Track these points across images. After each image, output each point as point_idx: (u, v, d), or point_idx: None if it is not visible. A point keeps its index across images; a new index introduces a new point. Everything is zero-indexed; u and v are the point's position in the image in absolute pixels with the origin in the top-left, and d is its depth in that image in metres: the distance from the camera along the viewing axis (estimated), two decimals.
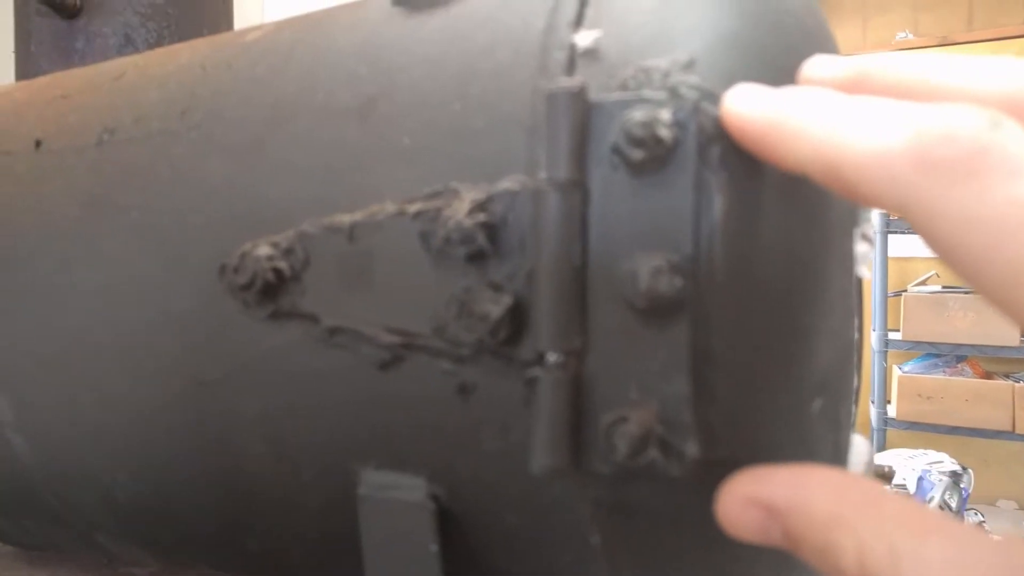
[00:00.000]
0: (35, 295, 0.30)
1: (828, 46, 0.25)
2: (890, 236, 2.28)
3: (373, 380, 0.23)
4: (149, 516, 0.30)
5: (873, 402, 2.40)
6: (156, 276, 0.27)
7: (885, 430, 2.37)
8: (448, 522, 0.23)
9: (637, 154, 0.19)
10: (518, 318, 0.20)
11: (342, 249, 0.23)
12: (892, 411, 2.36)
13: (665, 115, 0.19)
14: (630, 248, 0.19)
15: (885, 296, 2.35)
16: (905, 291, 2.37)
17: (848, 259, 0.22)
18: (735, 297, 0.19)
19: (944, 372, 2.37)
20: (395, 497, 0.23)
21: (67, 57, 0.65)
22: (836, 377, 0.21)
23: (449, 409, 0.22)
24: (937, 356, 2.41)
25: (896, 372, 2.39)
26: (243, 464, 0.26)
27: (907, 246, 2.43)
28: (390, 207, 0.22)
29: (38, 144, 0.32)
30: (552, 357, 0.19)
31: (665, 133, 0.18)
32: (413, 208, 0.22)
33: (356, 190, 0.23)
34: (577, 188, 0.19)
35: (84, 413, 0.29)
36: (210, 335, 0.25)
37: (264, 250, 0.23)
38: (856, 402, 0.30)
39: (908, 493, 1.87)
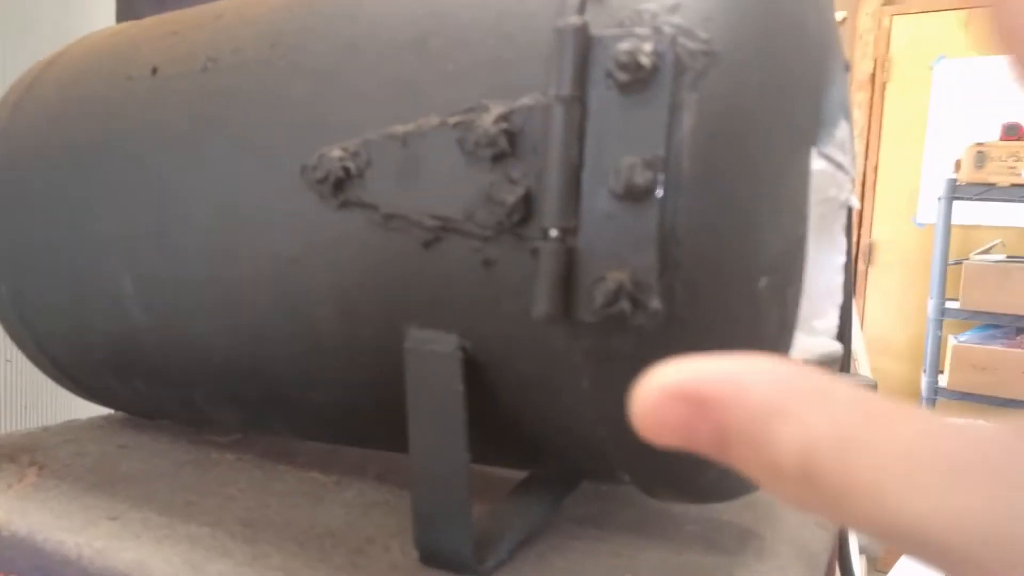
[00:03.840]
0: (153, 193, 0.37)
1: None
2: (955, 202, 2.23)
3: (418, 256, 0.29)
4: (238, 374, 0.38)
5: (925, 371, 2.38)
6: (249, 176, 0.34)
7: (935, 400, 2.35)
8: (473, 369, 0.29)
9: (624, 76, 0.24)
10: (529, 205, 0.26)
11: (397, 153, 0.29)
12: (944, 381, 2.34)
13: (647, 46, 0.24)
14: (617, 150, 0.24)
15: (945, 263, 2.31)
16: (967, 259, 2.33)
17: (803, 171, 0.27)
18: (697, 191, 0.24)
19: (1002, 344, 2.33)
20: (432, 349, 0.29)
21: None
22: (783, 263, 0.26)
23: (476, 279, 0.28)
24: (996, 327, 2.37)
25: (951, 342, 2.37)
26: (316, 325, 0.33)
27: (972, 214, 2.38)
28: (435, 120, 0.28)
29: (154, 70, 0.39)
30: (552, 233, 0.25)
31: (645, 60, 0.24)
32: (453, 120, 0.28)
33: (410, 107, 0.29)
34: (577, 103, 0.25)
35: (189, 287, 0.36)
36: (292, 221, 0.32)
37: (336, 152, 0.30)
38: (842, 310, 0.35)
39: None
